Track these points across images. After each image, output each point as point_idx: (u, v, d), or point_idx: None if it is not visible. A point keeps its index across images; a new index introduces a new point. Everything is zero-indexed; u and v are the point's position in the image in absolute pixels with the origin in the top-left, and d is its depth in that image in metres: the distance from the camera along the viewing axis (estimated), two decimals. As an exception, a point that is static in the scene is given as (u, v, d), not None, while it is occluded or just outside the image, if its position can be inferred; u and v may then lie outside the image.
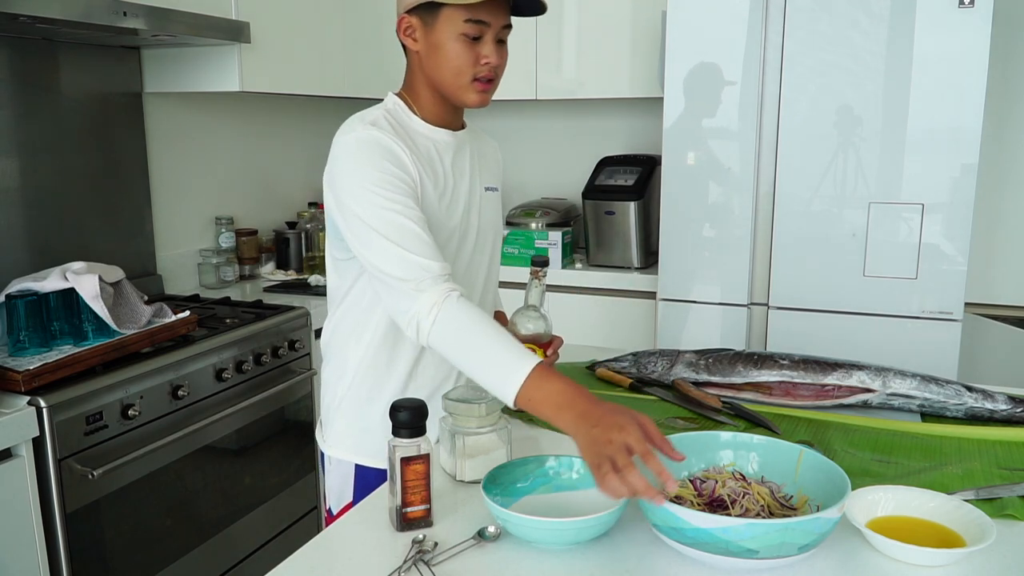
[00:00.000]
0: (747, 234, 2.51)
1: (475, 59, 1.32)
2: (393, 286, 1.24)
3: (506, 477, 1.13)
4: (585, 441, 1.05)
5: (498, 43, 1.34)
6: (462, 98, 1.36)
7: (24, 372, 1.66)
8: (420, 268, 1.22)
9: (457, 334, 1.20)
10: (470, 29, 1.30)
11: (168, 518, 1.98)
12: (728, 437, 1.16)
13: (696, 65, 2.49)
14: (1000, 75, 2.66)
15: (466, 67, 1.32)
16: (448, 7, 1.29)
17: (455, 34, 1.30)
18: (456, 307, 1.20)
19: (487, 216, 1.50)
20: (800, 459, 1.10)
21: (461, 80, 1.33)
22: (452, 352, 1.21)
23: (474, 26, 1.30)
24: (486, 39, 1.32)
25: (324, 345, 1.51)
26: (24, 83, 2.16)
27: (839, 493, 0.99)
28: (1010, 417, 1.45)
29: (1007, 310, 2.81)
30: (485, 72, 1.33)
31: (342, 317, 1.45)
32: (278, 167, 3.17)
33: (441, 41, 1.32)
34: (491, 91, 1.37)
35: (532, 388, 1.12)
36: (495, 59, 1.33)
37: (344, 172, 1.29)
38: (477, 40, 1.31)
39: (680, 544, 0.97)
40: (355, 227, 1.28)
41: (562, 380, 1.13)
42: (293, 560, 1.03)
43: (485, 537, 1.05)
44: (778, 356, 1.57)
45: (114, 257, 2.26)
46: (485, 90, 1.35)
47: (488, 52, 1.32)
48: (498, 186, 1.56)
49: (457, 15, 1.29)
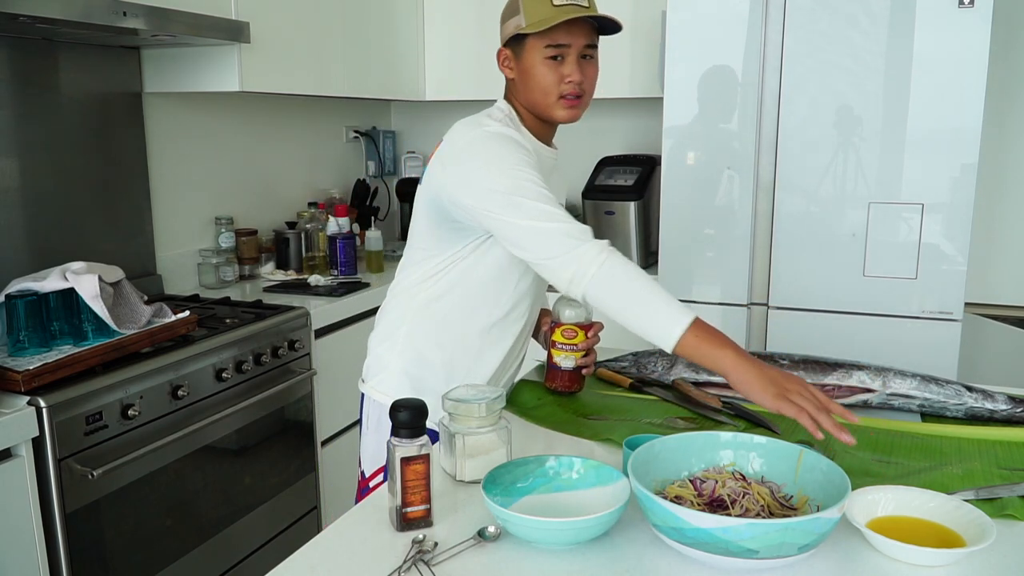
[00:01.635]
0: (747, 234, 2.51)
1: (559, 78, 1.44)
2: (552, 236, 1.30)
3: (506, 477, 1.13)
4: (754, 375, 1.19)
5: (583, 59, 1.45)
6: (552, 115, 1.48)
7: (24, 372, 1.66)
8: (576, 225, 1.31)
9: (623, 283, 1.27)
10: (551, 52, 1.43)
11: (168, 518, 1.98)
12: (728, 437, 1.16)
13: (696, 65, 2.49)
14: (1000, 75, 2.66)
15: (552, 86, 1.44)
16: (531, 36, 1.42)
17: (540, 59, 1.43)
18: (619, 261, 1.28)
19: None
20: (800, 459, 1.10)
21: (549, 99, 1.46)
22: (613, 300, 1.28)
23: (555, 49, 1.42)
24: (568, 59, 1.43)
25: (396, 288, 1.59)
26: (24, 83, 2.16)
27: (839, 493, 0.99)
28: (1010, 417, 1.45)
29: (1007, 310, 2.81)
30: (570, 89, 1.44)
31: (434, 269, 1.51)
32: (278, 167, 3.16)
33: (529, 67, 1.45)
34: (581, 106, 1.48)
35: (694, 334, 1.22)
36: (577, 76, 1.44)
37: (481, 161, 1.38)
38: (560, 61, 1.43)
39: (680, 544, 0.97)
40: (497, 202, 1.34)
41: (721, 333, 1.24)
42: (293, 560, 1.03)
43: (485, 537, 1.05)
44: (778, 356, 1.57)
45: (114, 257, 2.26)
46: (573, 105, 1.47)
47: (569, 71, 1.43)
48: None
49: (539, 42, 1.42)
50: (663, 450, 1.12)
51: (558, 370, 1.55)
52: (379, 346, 1.58)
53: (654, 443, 1.12)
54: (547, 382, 1.59)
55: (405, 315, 1.55)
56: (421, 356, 1.53)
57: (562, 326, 1.53)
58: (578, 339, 1.52)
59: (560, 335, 1.53)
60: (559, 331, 1.53)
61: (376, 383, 1.56)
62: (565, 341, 1.53)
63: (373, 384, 1.57)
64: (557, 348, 1.54)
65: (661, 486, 1.09)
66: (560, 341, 1.53)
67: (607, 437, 1.37)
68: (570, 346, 1.53)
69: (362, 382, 1.61)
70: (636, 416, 1.48)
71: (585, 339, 1.53)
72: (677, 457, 1.14)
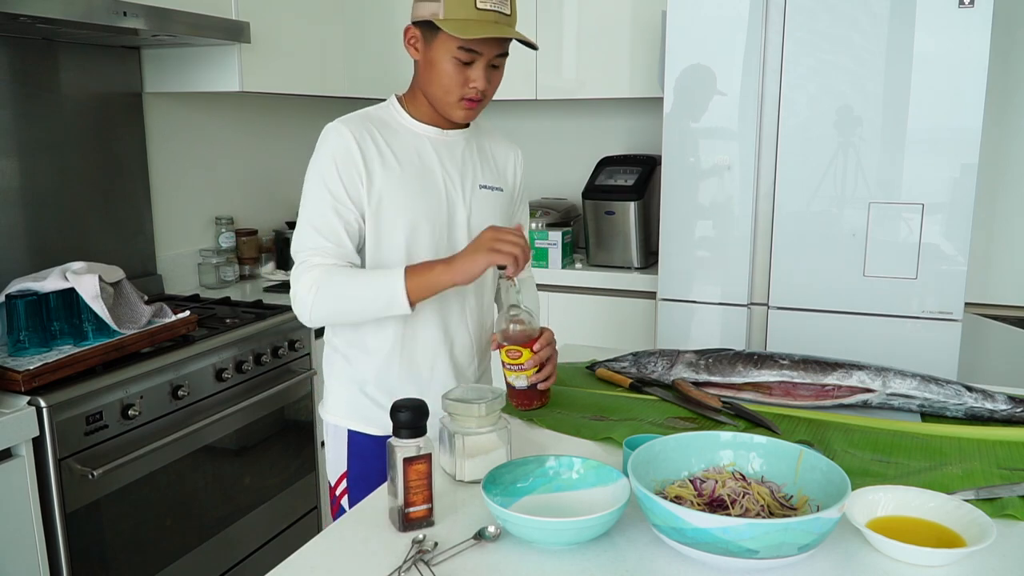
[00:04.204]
0: (747, 234, 2.51)
1: (464, 81, 1.41)
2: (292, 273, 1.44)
3: (506, 477, 1.13)
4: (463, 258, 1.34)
5: (491, 68, 1.42)
6: (448, 113, 1.45)
7: (24, 372, 1.66)
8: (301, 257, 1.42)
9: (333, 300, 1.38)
10: (462, 55, 1.38)
11: (168, 518, 1.98)
12: (728, 437, 1.16)
13: (696, 65, 2.49)
14: (1000, 75, 2.66)
15: (455, 87, 1.41)
16: (445, 32, 1.36)
17: (448, 57, 1.39)
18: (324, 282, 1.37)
19: (482, 213, 1.54)
20: (800, 459, 1.10)
21: (449, 98, 1.43)
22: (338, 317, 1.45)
23: (466, 53, 1.38)
24: (477, 65, 1.40)
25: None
26: (24, 83, 2.16)
27: (839, 493, 0.99)
28: (1010, 417, 1.45)
29: (1007, 310, 2.81)
30: (472, 95, 1.42)
31: None
32: (278, 167, 3.16)
33: (436, 59, 1.40)
34: (478, 109, 1.46)
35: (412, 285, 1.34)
36: (482, 84, 1.41)
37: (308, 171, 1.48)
38: (469, 64, 1.39)
39: (680, 544, 0.97)
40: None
41: (428, 263, 1.37)
42: (293, 560, 1.03)
43: (485, 537, 1.05)
44: (778, 356, 1.57)
45: (114, 257, 2.27)
46: (471, 108, 1.44)
47: (476, 77, 1.40)
48: (502, 186, 1.60)
49: (452, 42, 1.37)
50: (663, 450, 1.12)
51: (513, 389, 1.48)
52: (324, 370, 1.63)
53: (654, 443, 1.12)
54: (509, 399, 1.49)
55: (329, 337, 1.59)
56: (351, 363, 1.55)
57: (504, 347, 1.44)
58: (523, 358, 1.43)
59: (505, 355, 1.45)
60: (503, 352, 1.45)
61: (324, 405, 1.61)
62: (511, 361, 1.44)
63: (322, 406, 1.62)
64: (506, 368, 1.47)
65: (661, 486, 1.09)
66: (507, 362, 1.45)
67: (607, 437, 1.37)
68: (516, 366, 1.44)
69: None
70: (636, 416, 1.48)
71: (531, 355, 1.43)
72: (677, 457, 1.13)
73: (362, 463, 1.53)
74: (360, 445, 1.54)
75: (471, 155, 1.54)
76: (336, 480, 1.58)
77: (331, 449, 1.59)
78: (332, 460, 1.59)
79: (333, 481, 1.59)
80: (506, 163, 1.63)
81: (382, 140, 1.45)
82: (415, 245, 1.46)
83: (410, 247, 1.46)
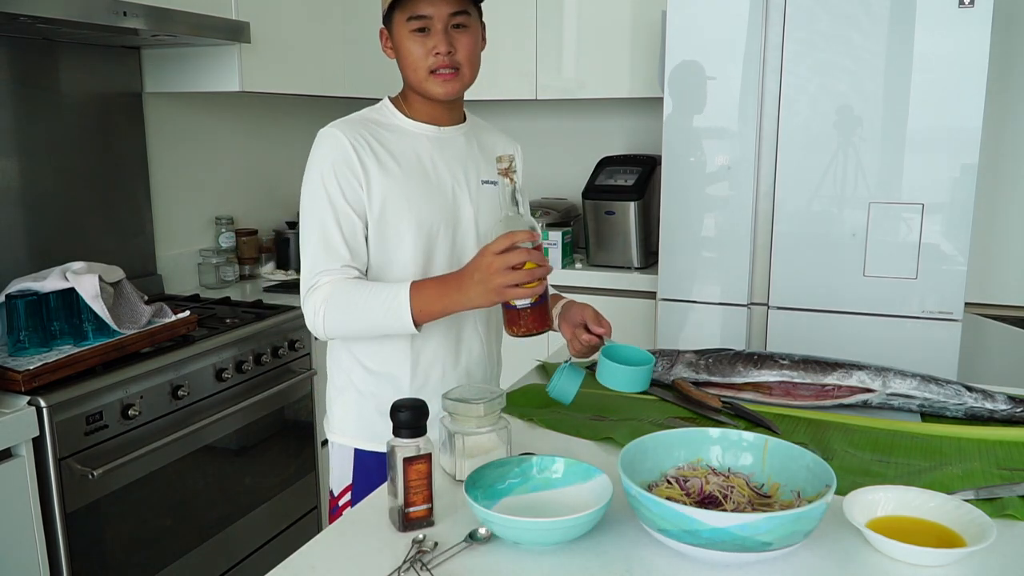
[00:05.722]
0: (747, 234, 2.51)
1: (426, 52, 1.38)
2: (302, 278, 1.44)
3: (485, 479, 1.11)
4: (478, 292, 1.26)
5: (454, 30, 1.39)
6: (427, 91, 1.42)
7: (24, 372, 1.66)
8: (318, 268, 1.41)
9: (344, 315, 1.37)
10: (414, 24, 1.37)
11: (168, 518, 1.98)
12: (681, 434, 1.15)
13: (696, 65, 2.49)
14: (1000, 75, 2.66)
15: (419, 60, 1.39)
16: (397, 12, 1.37)
17: (406, 33, 1.39)
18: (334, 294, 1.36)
19: (489, 210, 1.51)
20: (766, 448, 1.12)
21: (419, 75, 1.41)
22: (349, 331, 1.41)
23: (418, 21, 1.37)
24: (434, 31, 1.38)
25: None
26: (24, 83, 2.16)
27: (812, 476, 1.02)
28: (1010, 417, 1.45)
29: (1007, 310, 2.81)
30: (438, 62, 1.39)
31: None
32: (278, 167, 3.17)
33: (398, 43, 1.41)
34: (455, 80, 1.42)
35: (417, 307, 1.31)
36: (443, 47, 1.38)
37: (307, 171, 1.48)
38: (426, 33, 1.38)
39: (692, 547, 0.95)
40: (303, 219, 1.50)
41: (433, 281, 1.33)
42: (293, 560, 1.03)
43: (476, 539, 1.05)
44: (778, 356, 1.57)
45: (114, 257, 2.26)
46: (447, 79, 1.40)
47: (436, 42, 1.38)
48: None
49: (402, 16, 1.37)
50: (639, 451, 1.11)
51: (515, 310, 1.30)
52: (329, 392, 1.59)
53: (628, 447, 1.10)
54: (508, 328, 1.34)
55: (331, 351, 1.57)
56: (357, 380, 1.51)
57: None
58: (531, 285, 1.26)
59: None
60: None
61: (329, 426, 1.58)
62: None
63: (326, 423, 1.59)
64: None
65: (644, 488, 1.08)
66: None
67: (607, 437, 1.37)
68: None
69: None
70: (636, 416, 1.48)
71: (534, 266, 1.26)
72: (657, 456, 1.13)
73: (368, 477, 1.48)
74: (366, 462, 1.50)
75: (472, 151, 1.52)
76: (340, 492, 1.55)
77: (336, 466, 1.56)
78: (337, 475, 1.56)
79: (336, 491, 1.56)
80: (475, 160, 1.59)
81: (377, 142, 1.43)
82: (424, 247, 1.44)
83: (418, 249, 1.43)
